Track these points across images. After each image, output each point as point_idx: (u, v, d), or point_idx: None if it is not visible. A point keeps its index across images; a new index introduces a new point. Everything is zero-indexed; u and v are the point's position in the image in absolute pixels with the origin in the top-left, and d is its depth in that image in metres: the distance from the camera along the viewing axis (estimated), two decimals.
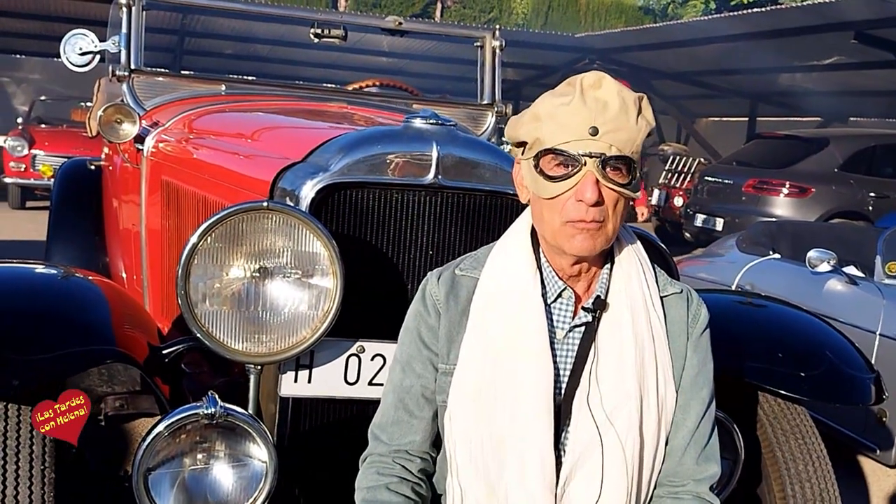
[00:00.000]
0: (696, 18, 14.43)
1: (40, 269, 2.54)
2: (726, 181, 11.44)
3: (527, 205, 1.79)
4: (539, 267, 1.76)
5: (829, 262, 4.81)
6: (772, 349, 2.54)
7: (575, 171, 1.62)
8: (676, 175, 14.97)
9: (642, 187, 7.88)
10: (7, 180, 12.82)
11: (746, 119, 19.43)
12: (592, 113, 1.62)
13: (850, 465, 4.50)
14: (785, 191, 10.55)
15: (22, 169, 12.74)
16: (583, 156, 1.62)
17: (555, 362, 1.71)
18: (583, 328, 1.75)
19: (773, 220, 9.03)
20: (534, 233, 1.79)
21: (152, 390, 2.32)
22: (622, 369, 1.71)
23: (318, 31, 3.91)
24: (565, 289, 1.75)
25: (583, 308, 1.75)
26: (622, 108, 1.63)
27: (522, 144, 1.73)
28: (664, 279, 1.84)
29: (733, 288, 5.28)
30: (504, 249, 1.81)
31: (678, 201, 13.81)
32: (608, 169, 1.62)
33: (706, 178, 11.99)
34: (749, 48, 13.86)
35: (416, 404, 1.84)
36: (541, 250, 1.77)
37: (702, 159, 15.74)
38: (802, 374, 2.47)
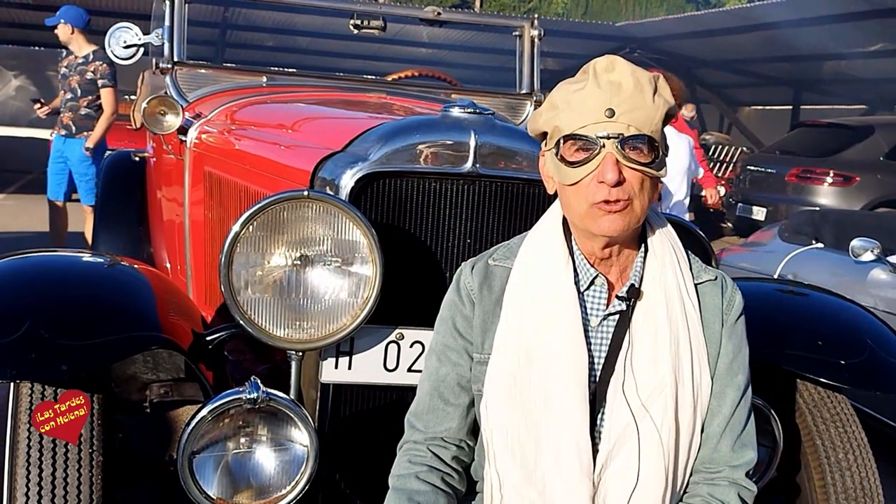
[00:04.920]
0: (738, 6, 14.27)
1: (87, 257, 2.59)
2: (769, 170, 11.32)
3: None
4: (571, 255, 1.77)
5: (872, 252, 4.75)
6: (812, 337, 2.52)
7: (594, 153, 1.63)
8: (719, 164, 14.85)
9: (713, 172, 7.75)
10: None
11: (790, 107, 19.19)
12: (607, 95, 1.63)
13: (893, 456, 4.45)
14: (829, 180, 10.41)
15: None
16: (601, 138, 1.63)
17: (589, 350, 1.72)
18: (617, 316, 1.75)
19: (816, 208, 8.93)
20: (565, 222, 1.80)
21: (197, 377, 2.36)
22: (657, 357, 1.72)
23: (357, 21, 3.94)
24: (598, 276, 1.76)
25: (617, 296, 1.76)
26: (637, 87, 1.64)
27: (544, 135, 1.75)
28: (698, 266, 1.84)
29: (775, 277, 5.24)
30: (536, 239, 1.83)
31: (720, 191, 13.67)
32: (627, 149, 1.63)
33: (749, 167, 11.87)
34: (792, 35, 13.68)
35: (452, 392, 1.86)
36: (573, 239, 1.78)
37: (744, 148, 15.61)
38: (842, 362, 2.44)
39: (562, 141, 1.68)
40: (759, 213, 11.10)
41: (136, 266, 2.56)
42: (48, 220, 7.62)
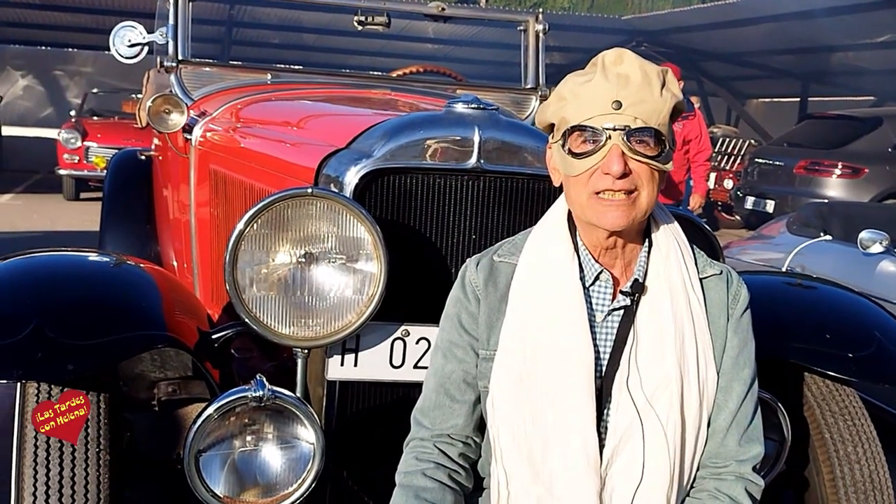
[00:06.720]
0: None
1: (94, 257, 2.59)
2: (777, 163, 11.29)
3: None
4: (576, 251, 1.77)
5: (881, 244, 4.74)
6: (820, 330, 2.51)
7: (601, 145, 1.63)
8: (726, 157, 14.80)
9: (703, 176, 7.64)
10: (61, 172, 13.09)
11: (798, 99, 19.14)
12: (615, 87, 1.62)
13: None
14: (837, 171, 10.38)
15: (76, 161, 12.98)
16: (607, 129, 1.63)
17: (594, 345, 1.72)
18: (621, 311, 1.75)
19: (825, 201, 8.90)
20: (570, 217, 1.79)
21: (203, 375, 2.37)
22: (662, 352, 1.71)
23: (362, 18, 3.93)
24: (602, 271, 1.75)
25: (621, 292, 1.75)
26: (645, 80, 1.64)
27: (552, 128, 1.74)
28: (703, 260, 1.83)
29: (784, 270, 5.23)
30: (541, 235, 1.82)
31: (728, 184, 13.65)
32: (634, 141, 1.63)
33: (756, 159, 11.84)
34: (800, 27, 13.64)
35: (458, 389, 1.85)
36: (577, 234, 1.78)
37: (752, 141, 15.56)
38: (851, 355, 2.44)
39: (568, 132, 1.68)
40: (767, 206, 11.06)
41: (142, 265, 2.57)
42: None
